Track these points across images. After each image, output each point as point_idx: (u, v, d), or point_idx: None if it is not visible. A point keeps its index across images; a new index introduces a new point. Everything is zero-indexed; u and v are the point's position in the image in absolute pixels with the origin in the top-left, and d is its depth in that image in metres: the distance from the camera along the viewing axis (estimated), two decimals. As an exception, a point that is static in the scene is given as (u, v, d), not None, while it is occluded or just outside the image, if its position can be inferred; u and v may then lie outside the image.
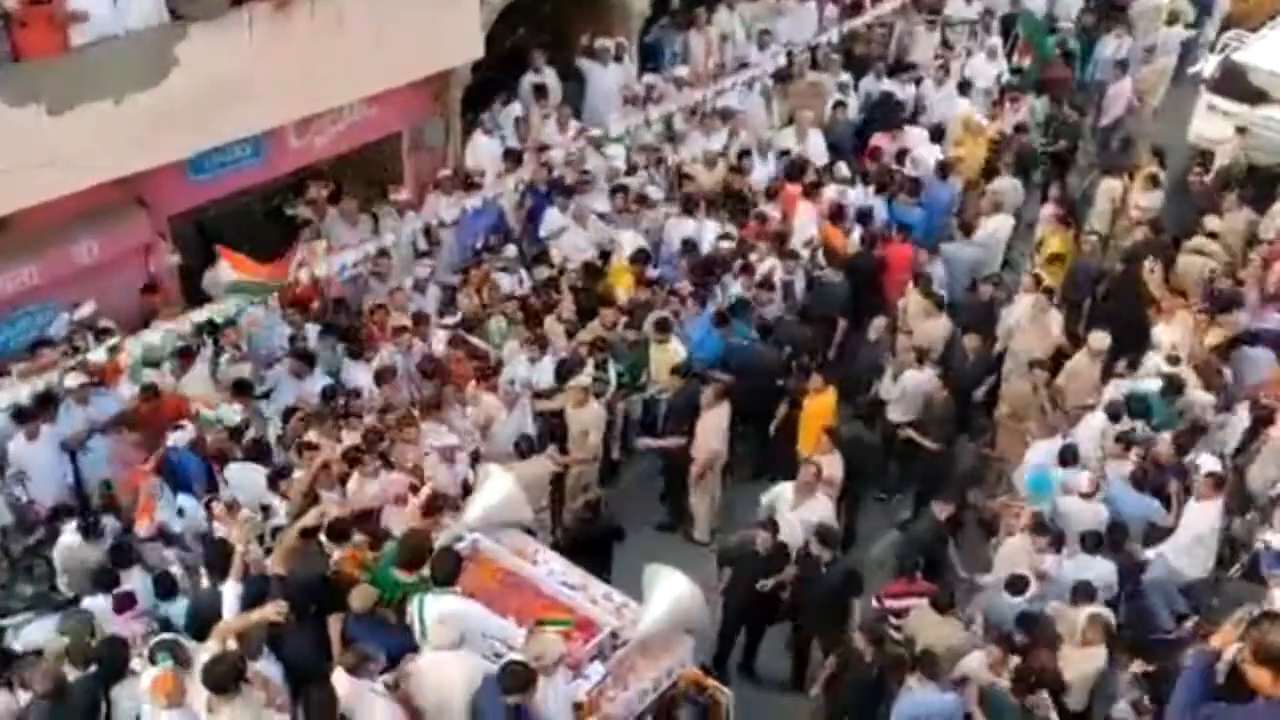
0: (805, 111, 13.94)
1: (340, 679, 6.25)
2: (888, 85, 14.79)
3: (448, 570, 6.81)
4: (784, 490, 9.24)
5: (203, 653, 6.33)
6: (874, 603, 8.74)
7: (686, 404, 10.11)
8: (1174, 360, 10.23)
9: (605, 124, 13.04)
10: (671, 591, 7.01)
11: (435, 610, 6.58)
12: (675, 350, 10.45)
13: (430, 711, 6.33)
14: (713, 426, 9.96)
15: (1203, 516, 9.02)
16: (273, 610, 6.50)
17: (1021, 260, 13.12)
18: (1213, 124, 14.64)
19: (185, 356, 9.84)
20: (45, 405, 9.16)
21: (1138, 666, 7.92)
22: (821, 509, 9.09)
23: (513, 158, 12.30)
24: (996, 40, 15.71)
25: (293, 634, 6.76)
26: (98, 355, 9.48)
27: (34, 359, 9.42)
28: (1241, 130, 13.99)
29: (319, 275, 10.71)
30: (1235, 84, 14.72)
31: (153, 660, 6.58)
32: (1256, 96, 14.58)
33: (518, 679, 6.07)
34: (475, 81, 12.72)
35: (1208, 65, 15.63)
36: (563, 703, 6.38)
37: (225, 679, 6.00)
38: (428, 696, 6.36)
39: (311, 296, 10.88)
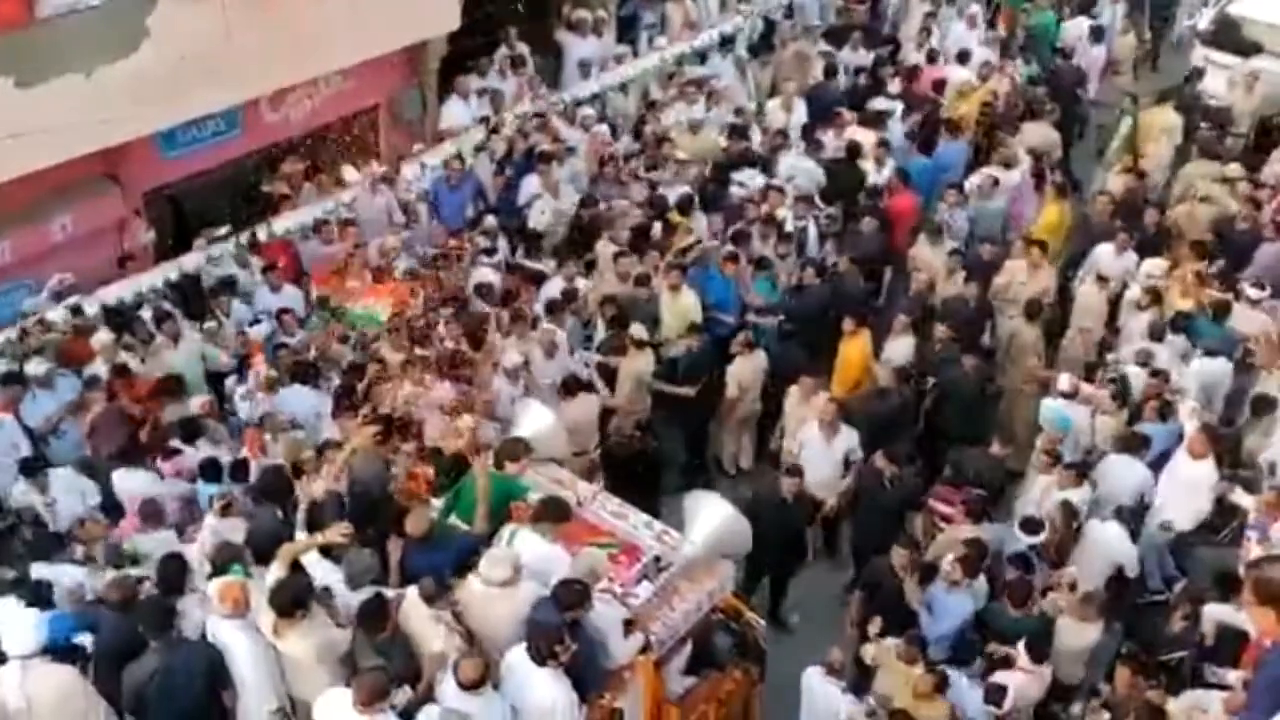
0: (790, 82, 13.88)
1: (414, 601, 6.35)
2: (863, 57, 14.72)
3: (552, 516, 6.90)
4: (810, 431, 9.26)
5: (268, 575, 6.38)
6: (930, 503, 8.95)
7: (705, 357, 10.11)
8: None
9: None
10: (714, 517, 7.19)
11: (524, 548, 6.69)
12: (688, 300, 10.41)
13: (481, 637, 6.45)
14: (737, 374, 10.00)
15: (1196, 471, 8.97)
16: (337, 531, 6.59)
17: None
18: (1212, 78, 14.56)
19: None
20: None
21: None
22: (849, 439, 9.19)
23: (486, 126, 12.17)
24: (977, 7, 15.63)
25: (354, 553, 6.85)
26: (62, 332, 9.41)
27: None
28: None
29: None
30: (1230, 37, 14.69)
31: (219, 571, 6.62)
32: (1252, 49, 14.54)
33: (574, 596, 6.20)
34: (451, 53, 12.59)
35: (1202, 19, 15.59)
36: (613, 620, 6.52)
37: (292, 603, 6.06)
38: (477, 624, 6.47)
39: (287, 257, 10.77)
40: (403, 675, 6.05)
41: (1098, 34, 15.39)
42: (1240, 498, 8.84)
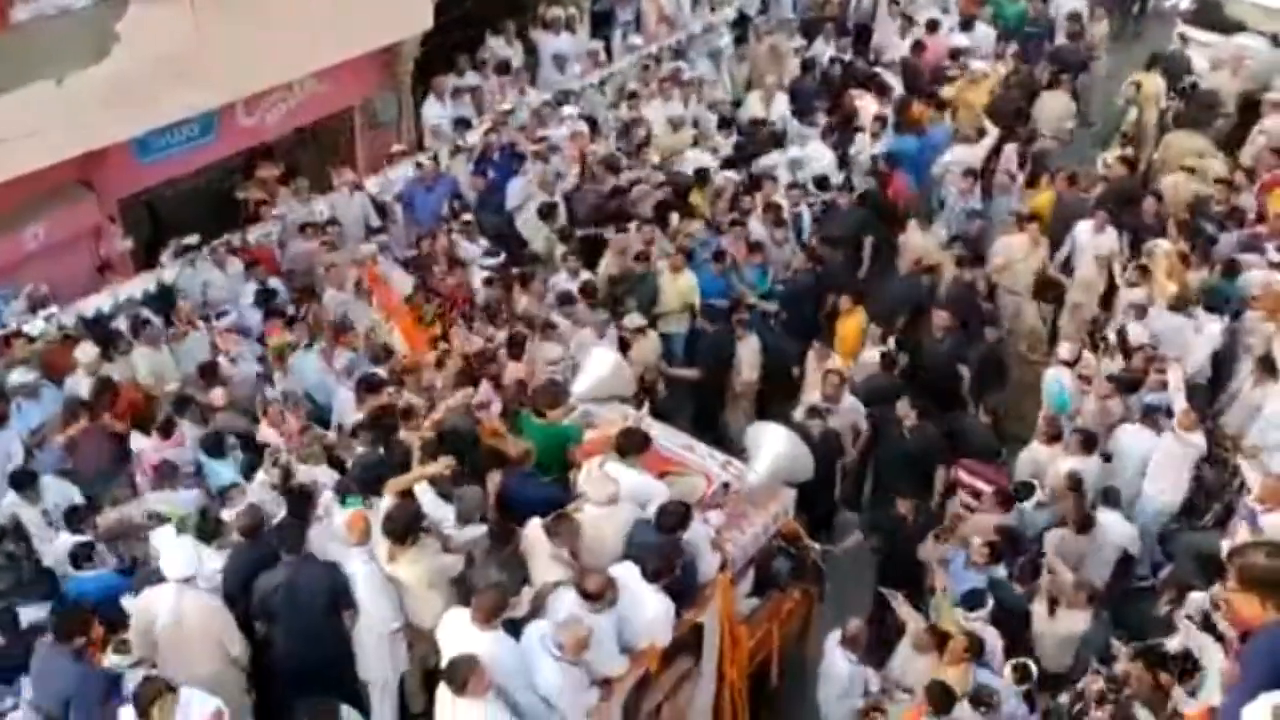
0: (769, 76, 13.92)
1: (536, 532, 6.76)
2: (837, 48, 14.78)
3: (634, 446, 7.26)
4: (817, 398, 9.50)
5: (379, 506, 6.88)
6: (959, 474, 9.18)
7: (716, 342, 10.42)
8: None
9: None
10: (777, 445, 7.57)
11: (608, 476, 7.06)
12: (689, 281, 10.64)
13: (586, 556, 6.80)
14: (749, 359, 10.30)
15: (1181, 448, 9.06)
16: (442, 465, 7.13)
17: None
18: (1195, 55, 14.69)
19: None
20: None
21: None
22: (855, 407, 9.48)
23: (463, 126, 12.13)
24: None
25: (466, 490, 7.39)
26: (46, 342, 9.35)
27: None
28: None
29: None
30: (1212, 15, 14.81)
31: (342, 502, 7.20)
32: (1234, 27, 14.65)
33: (675, 516, 6.66)
34: (428, 53, 12.56)
35: None
36: (705, 541, 6.97)
37: (404, 530, 6.62)
38: (584, 545, 6.83)
39: (268, 257, 10.77)
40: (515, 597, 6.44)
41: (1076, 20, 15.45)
42: (1248, 473, 8.79)
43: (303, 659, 6.75)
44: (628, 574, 6.44)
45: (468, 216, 11.40)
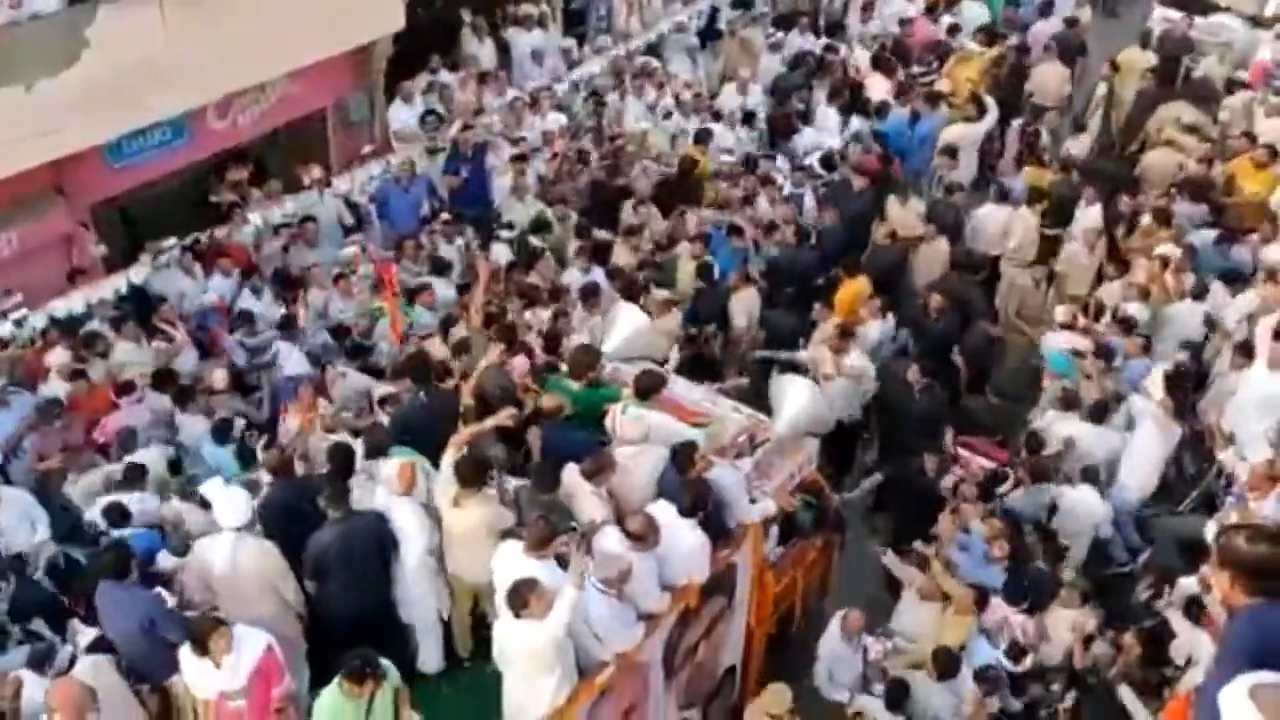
0: (743, 70, 13.98)
1: (574, 476, 7.05)
2: (811, 42, 14.84)
3: (651, 385, 7.65)
4: (820, 354, 9.81)
5: (444, 457, 7.09)
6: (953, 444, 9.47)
7: (714, 300, 10.66)
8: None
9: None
10: (799, 397, 7.87)
11: (638, 418, 7.43)
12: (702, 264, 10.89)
13: (621, 496, 7.14)
14: (740, 309, 10.54)
15: (1157, 439, 9.17)
16: (505, 415, 7.41)
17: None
18: None
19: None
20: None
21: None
22: (860, 359, 9.79)
23: (434, 121, 12.10)
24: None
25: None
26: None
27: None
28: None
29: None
30: None
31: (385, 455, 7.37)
32: (1207, 7, 15.00)
33: (687, 457, 7.05)
34: (396, 53, 12.52)
35: None
36: (736, 483, 7.30)
37: (475, 473, 6.87)
38: (619, 483, 7.16)
39: (243, 257, 10.75)
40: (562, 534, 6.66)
41: (1045, 9, 15.72)
42: (1232, 462, 8.88)
43: (358, 608, 7.00)
44: (664, 513, 6.75)
45: (446, 216, 11.40)
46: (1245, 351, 9.49)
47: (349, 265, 10.62)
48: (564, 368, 8.42)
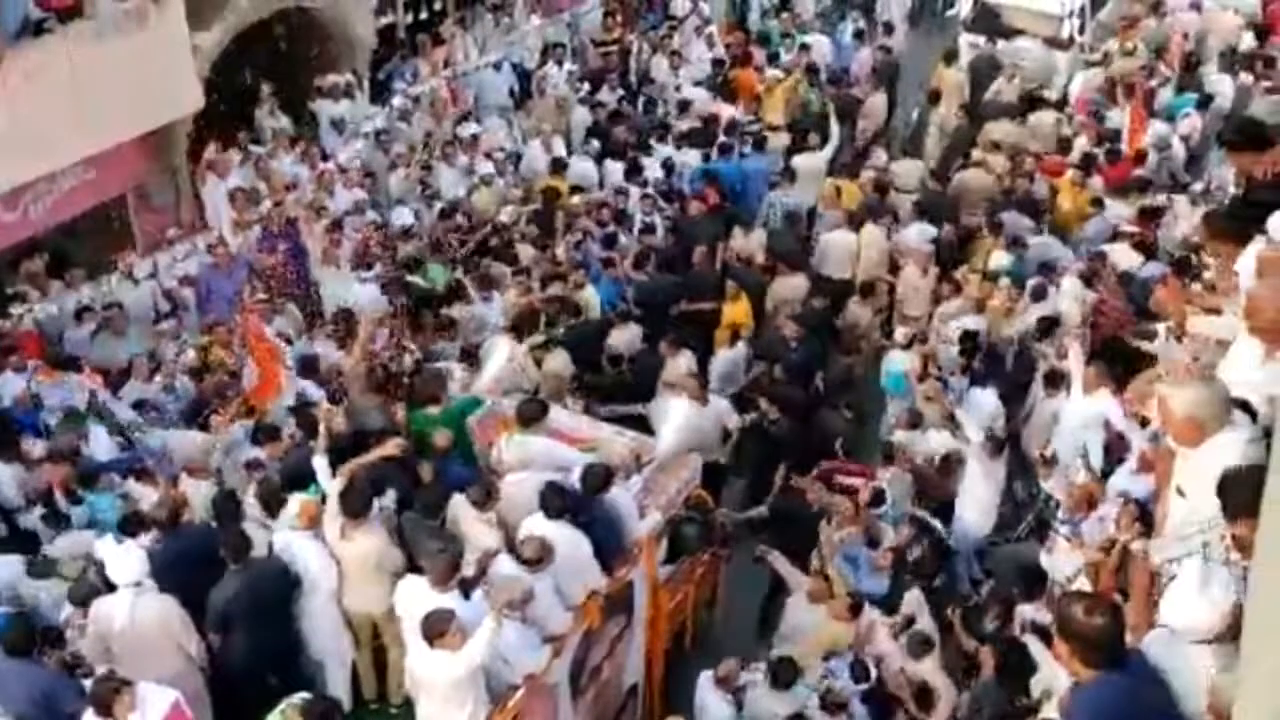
0: (546, 124, 14.21)
1: (462, 505, 7.19)
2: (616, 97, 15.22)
3: (533, 414, 7.86)
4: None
5: (331, 487, 7.04)
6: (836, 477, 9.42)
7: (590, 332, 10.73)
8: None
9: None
10: (678, 417, 8.29)
11: (522, 445, 7.70)
12: (590, 295, 11.15)
13: (512, 524, 7.21)
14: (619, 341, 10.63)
15: (981, 478, 9.25)
16: (394, 446, 7.36)
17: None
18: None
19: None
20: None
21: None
22: (719, 406, 9.65)
23: (242, 197, 11.72)
24: (713, 28, 16.98)
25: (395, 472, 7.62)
26: None
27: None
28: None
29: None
30: (990, 22, 16.29)
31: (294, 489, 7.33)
32: (1011, 32, 16.07)
33: (598, 477, 7.19)
34: (197, 129, 12.20)
35: (964, 6, 17.30)
36: (628, 503, 7.50)
37: (361, 504, 6.83)
38: (509, 511, 7.29)
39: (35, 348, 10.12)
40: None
41: (860, 36, 16.77)
42: (1054, 487, 8.85)
43: (268, 655, 6.95)
44: (535, 520, 6.93)
45: (263, 297, 11.10)
46: (1052, 381, 9.63)
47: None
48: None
